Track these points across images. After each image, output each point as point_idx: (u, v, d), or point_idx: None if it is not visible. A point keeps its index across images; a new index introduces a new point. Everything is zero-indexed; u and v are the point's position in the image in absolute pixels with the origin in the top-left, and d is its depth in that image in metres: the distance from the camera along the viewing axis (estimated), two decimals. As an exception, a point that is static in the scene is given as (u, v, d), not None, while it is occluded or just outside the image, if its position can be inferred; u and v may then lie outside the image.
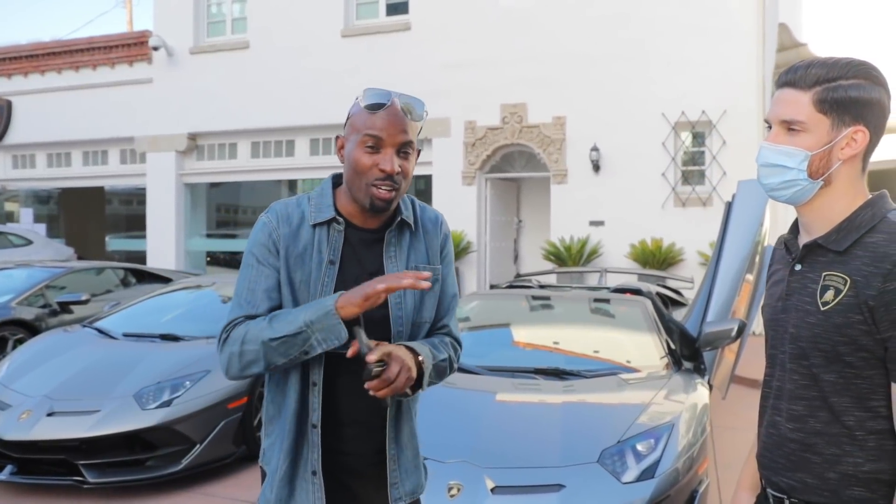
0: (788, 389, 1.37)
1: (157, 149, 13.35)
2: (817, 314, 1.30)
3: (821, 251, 1.34)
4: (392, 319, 1.61)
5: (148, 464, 4.18)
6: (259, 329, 1.51)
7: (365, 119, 1.55)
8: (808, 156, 1.30)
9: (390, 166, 1.53)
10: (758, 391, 5.56)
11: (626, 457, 3.04)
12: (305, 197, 1.65)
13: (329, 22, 11.95)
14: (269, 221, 1.61)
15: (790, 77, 1.34)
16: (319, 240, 1.60)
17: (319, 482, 1.58)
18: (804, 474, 1.34)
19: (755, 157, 1.40)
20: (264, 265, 1.59)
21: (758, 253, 4.42)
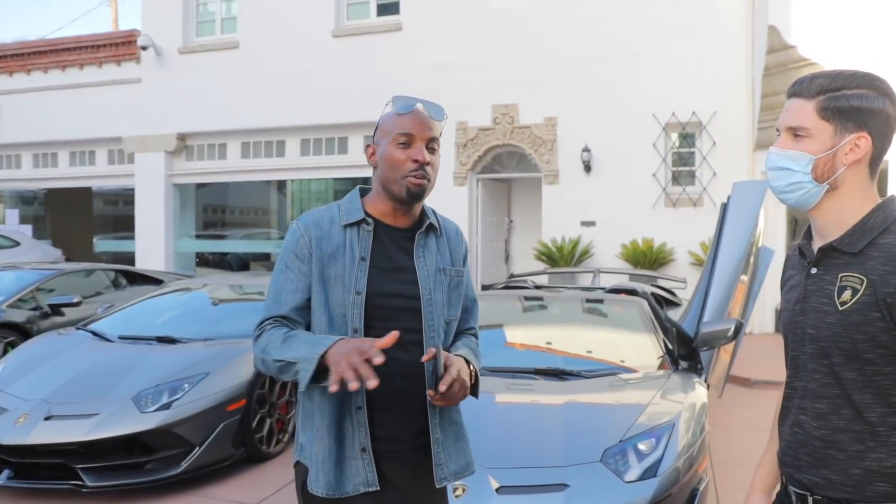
0: (812, 389, 1.41)
1: (145, 149, 13.27)
2: (836, 314, 1.34)
3: (836, 254, 1.39)
4: (424, 313, 1.77)
5: (147, 467, 4.17)
6: (275, 346, 1.68)
7: (395, 121, 1.78)
8: (813, 160, 1.36)
9: (422, 156, 1.74)
10: (752, 390, 5.64)
11: (628, 456, 3.07)
12: (335, 205, 1.84)
13: (320, 22, 11.93)
14: (297, 228, 1.79)
15: (797, 88, 1.42)
16: (351, 239, 1.76)
17: (370, 457, 1.69)
18: (828, 471, 1.37)
19: (765, 161, 1.46)
20: (291, 269, 1.77)
21: (752, 254, 4.47)
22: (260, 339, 1.73)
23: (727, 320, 4.06)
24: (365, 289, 1.72)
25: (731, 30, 9.92)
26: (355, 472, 1.69)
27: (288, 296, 1.75)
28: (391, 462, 1.73)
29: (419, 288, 1.77)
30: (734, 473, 4.52)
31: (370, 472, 1.69)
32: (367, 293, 1.72)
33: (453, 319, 1.86)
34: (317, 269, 1.74)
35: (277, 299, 1.77)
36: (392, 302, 1.74)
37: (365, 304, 1.71)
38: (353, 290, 1.71)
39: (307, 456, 1.75)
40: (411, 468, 1.76)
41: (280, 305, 1.75)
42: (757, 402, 6.40)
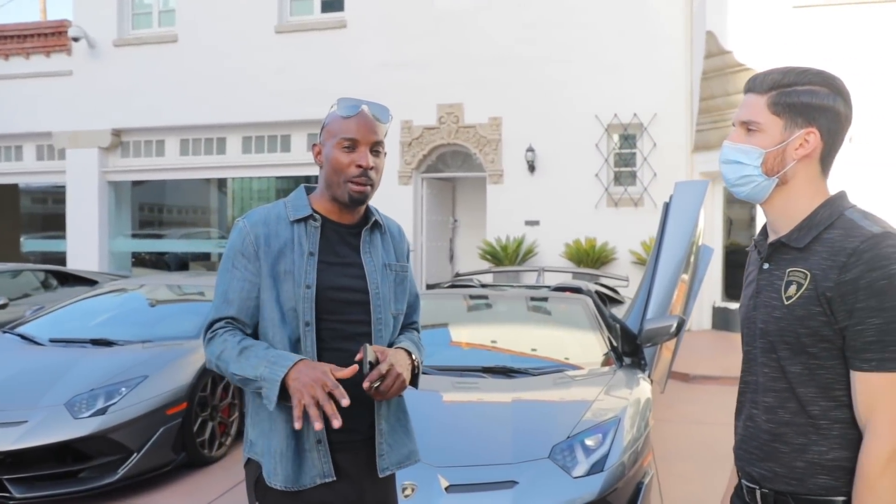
0: (761, 383, 1.44)
1: (77, 145, 12.75)
2: (782, 308, 1.38)
3: (785, 249, 1.42)
4: (372, 306, 1.80)
5: (81, 475, 4.00)
6: (229, 357, 1.69)
7: (340, 125, 1.78)
8: (763, 153, 1.39)
9: (365, 161, 1.75)
10: (690, 385, 5.78)
11: (575, 452, 3.10)
12: (281, 202, 1.85)
13: (262, 17, 11.70)
14: (243, 227, 1.78)
15: (750, 83, 1.46)
16: (299, 235, 1.77)
17: (325, 448, 1.71)
18: (774, 464, 1.40)
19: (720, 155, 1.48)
20: (238, 268, 1.76)
21: (693, 253, 4.58)
22: (213, 344, 1.74)
23: (670, 317, 4.14)
24: (315, 283, 1.73)
25: (671, 34, 10.18)
26: (311, 464, 1.71)
27: (235, 295, 1.75)
28: (346, 453, 1.75)
29: (367, 282, 1.79)
30: (675, 466, 4.63)
31: (326, 463, 1.71)
32: (317, 287, 1.73)
33: (400, 314, 1.91)
34: (266, 265, 1.74)
35: (225, 299, 1.76)
36: (341, 295, 1.76)
37: (315, 297, 1.72)
38: (303, 285, 1.72)
39: (259, 451, 1.75)
40: (365, 458, 1.79)
41: (229, 305, 1.75)
42: (696, 396, 6.58)
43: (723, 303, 10.06)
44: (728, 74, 9.11)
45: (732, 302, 9.96)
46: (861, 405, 1.30)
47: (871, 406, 1.29)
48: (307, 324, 1.72)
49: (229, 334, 1.73)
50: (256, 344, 1.71)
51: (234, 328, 1.74)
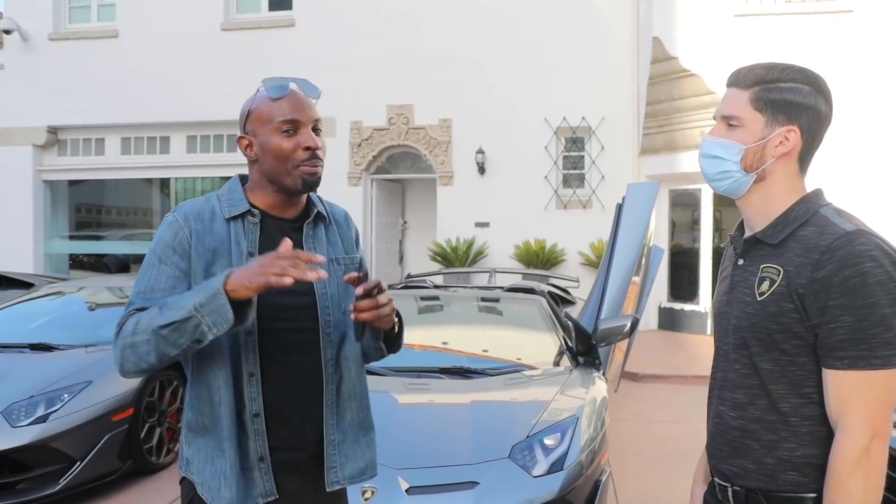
0: (731, 379, 1.43)
1: (9, 142, 12.20)
2: (754, 304, 1.37)
3: (759, 245, 1.41)
4: (320, 308, 1.64)
5: (19, 486, 3.81)
6: (150, 318, 1.46)
7: (273, 108, 1.61)
8: (743, 149, 1.38)
9: (313, 142, 1.60)
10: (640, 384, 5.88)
11: (535, 451, 3.10)
12: (214, 195, 1.66)
13: (208, 14, 11.43)
14: (175, 220, 1.59)
15: (733, 78, 1.43)
16: (236, 233, 1.61)
17: (267, 467, 1.58)
18: (744, 460, 1.40)
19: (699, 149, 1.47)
20: (166, 264, 1.57)
21: (644, 254, 4.67)
22: (126, 327, 1.50)
23: (624, 317, 4.20)
24: None
25: (619, 40, 10.38)
26: (252, 483, 1.58)
27: (163, 293, 1.54)
28: (289, 474, 1.63)
29: (313, 283, 1.62)
30: (629, 463, 4.70)
31: (268, 482, 1.59)
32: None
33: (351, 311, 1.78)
34: (199, 266, 1.56)
35: (150, 296, 1.54)
36: (285, 300, 1.58)
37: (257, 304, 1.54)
38: None
39: (196, 470, 1.60)
40: (311, 477, 1.66)
41: (150, 300, 1.54)
42: (645, 395, 6.71)
43: (668, 303, 10.30)
44: (673, 80, 9.34)
45: (678, 302, 10.21)
46: (833, 403, 1.30)
47: (842, 404, 1.29)
48: (248, 333, 1.55)
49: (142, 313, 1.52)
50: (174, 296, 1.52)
51: None
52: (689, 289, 10.12)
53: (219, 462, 1.57)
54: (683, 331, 10.00)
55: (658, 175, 9.64)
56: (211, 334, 1.44)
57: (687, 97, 9.21)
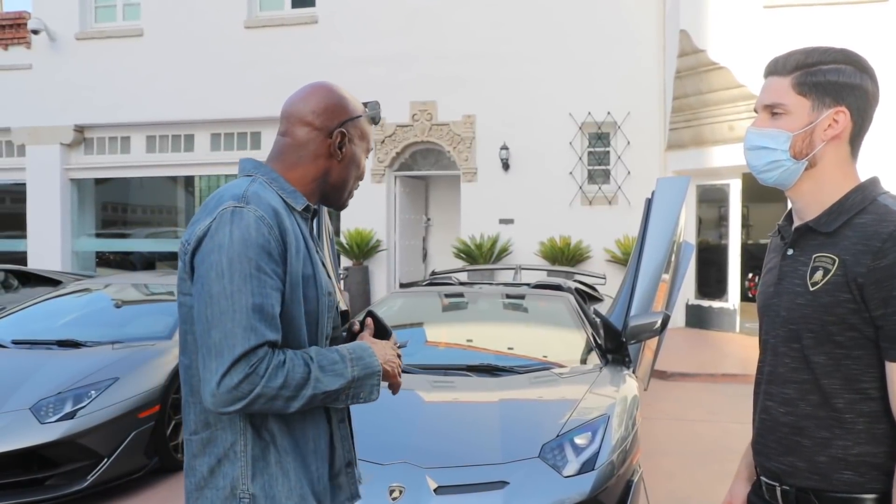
0: (781, 373, 1.38)
1: (38, 141, 12.37)
2: (806, 295, 1.31)
3: (811, 234, 1.35)
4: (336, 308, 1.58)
5: (48, 483, 3.82)
6: (305, 374, 1.31)
7: (368, 130, 1.62)
8: (790, 136, 1.33)
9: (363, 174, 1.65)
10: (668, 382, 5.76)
11: (565, 450, 3.04)
12: (258, 183, 1.43)
13: (231, 12, 11.47)
14: (262, 217, 1.33)
15: (772, 66, 1.38)
16: (303, 230, 1.47)
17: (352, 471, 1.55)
18: (795, 458, 1.34)
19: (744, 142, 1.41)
20: (267, 275, 1.32)
21: (674, 251, 4.57)
22: (256, 375, 1.27)
23: (654, 313, 4.11)
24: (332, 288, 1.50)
25: (645, 33, 10.23)
26: (339, 490, 1.51)
27: (275, 309, 1.33)
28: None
29: (332, 280, 1.57)
30: (658, 463, 4.61)
31: (353, 484, 1.55)
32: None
33: None
34: (297, 273, 1.38)
35: (262, 317, 1.29)
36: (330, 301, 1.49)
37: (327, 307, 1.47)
38: (325, 292, 1.45)
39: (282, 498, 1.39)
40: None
41: (271, 327, 1.31)
42: (674, 393, 6.60)
43: (696, 300, 10.15)
44: (701, 73, 9.18)
45: (706, 299, 10.05)
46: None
47: None
48: (327, 338, 1.47)
49: (279, 355, 1.31)
50: (314, 350, 1.38)
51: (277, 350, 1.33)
52: (717, 286, 9.96)
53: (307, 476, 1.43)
54: (711, 328, 9.84)
55: (685, 170, 9.48)
56: (345, 403, 1.41)
57: (715, 91, 9.05)
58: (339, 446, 1.51)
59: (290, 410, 1.31)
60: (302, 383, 1.30)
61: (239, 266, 1.29)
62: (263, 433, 1.38)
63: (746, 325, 9.56)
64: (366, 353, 1.42)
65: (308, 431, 1.43)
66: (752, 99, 8.56)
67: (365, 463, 2.86)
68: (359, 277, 10.83)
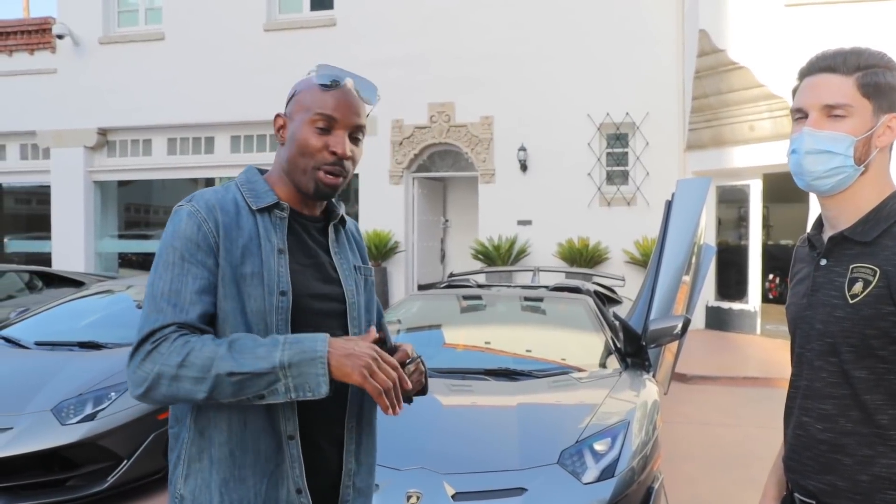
0: (818, 388, 1.31)
1: (62, 144, 12.54)
2: (846, 307, 1.25)
3: (847, 244, 1.29)
4: (349, 318, 1.47)
5: (68, 484, 3.86)
6: (211, 354, 1.23)
7: (316, 97, 1.42)
8: (854, 141, 1.25)
9: (342, 149, 1.40)
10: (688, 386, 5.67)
11: (584, 457, 3.00)
12: (232, 185, 1.45)
13: (250, 15, 11.55)
14: (195, 211, 1.35)
15: (828, 62, 1.29)
16: (265, 227, 1.40)
17: (307, 499, 1.36)
18: (834, 477, 1.28)
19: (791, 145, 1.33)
20: (192, 263, 1.32)
21: (694, 253, 4.51)
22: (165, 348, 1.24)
23: (675, 317, 4.06)
24: (290, 288, 1.37)
25: (663, 33, 10.14)
26: None
27: (192, 297, 1.30)
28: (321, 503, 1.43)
29: (343, 288, 1.47)
30: (679, 468, 4.56)
31: None
32: (294, 294, 1.37)
33: (372, 322, 1.58)
34: (227, 265, 1.33)
35: (176, 301, 1.29)
36: (318, 305, 1.41)
37: (291, 306, 1.36)
38: (276, 291, 1.35)
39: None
40: None
41: (182, 309, 1.28)
42: (694, 396, 6.52)
43: (716, 302, 10.04)
44: (721, 73, 9.08)
45: (725, 301, 9.94)
46: None
47: None
48: None
49: (188, 336, 1.27)
50: (241, 335, 1.29)
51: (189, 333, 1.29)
52: (737, 288, 9.84)
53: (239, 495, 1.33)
54: (732, 330, 9.73)
55: (705, 171, 9.38)
56: (283, 397, 1.24)
57: (735, 90, 8.94)
58: (288, 467, 1.35)
59: (199, 396, 1.23)
60: (208, 364, 1.22)
61: (164, 256, 1.34)
62: (205, 436, 1.34)
63: (767, 326, 9.44)
64: (310, 338, 1.27)
65: (249, 442, 1.33)
66: (773, 99, 8.45)
67: (382, 468, 2.87)
68: (377, 279, 10.84)
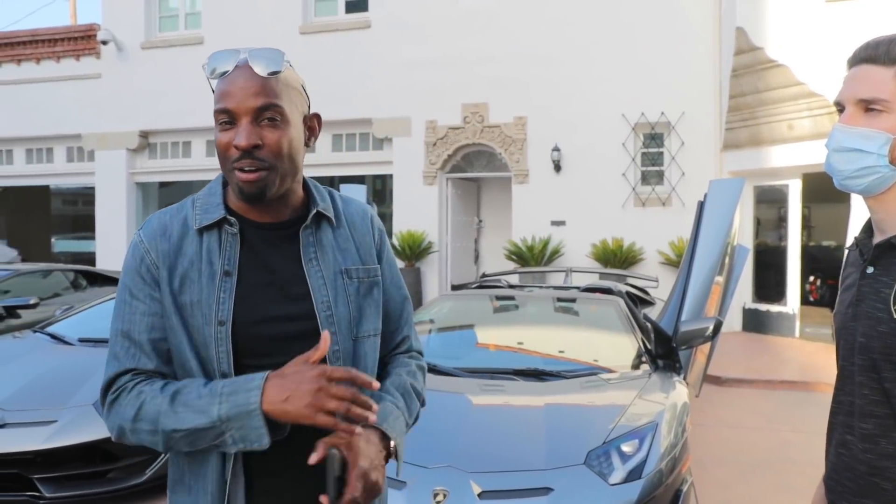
0: (859, 405, 1.23)
1: (106, 146, 12.90)
2: (890, 322, 1.16)
3: (895, 252, 1.20)
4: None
5: (109, 476, 3.98)
6: (157, 408, 1.19)
7: (217, 93, 1.29)
8: (891, 139, 1.16)
9: (244, 140, 1.23)
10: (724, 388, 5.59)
11: (612, 458, 3.00)
12: (189, 200, 1.36)
13: (287, 18, 11.73)
14: (139, 243, 1.30)
15: (869, 53, 1.20)
16: (209, 248, 1.29)
17: None
18: (872, 501, 1.20)
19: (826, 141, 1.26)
20: (138, 299, 1.27)
21: (727, 254, 4.46)
22: (124, 399, 1.22)
23: (706, 319, 4.03)
24: (230, 317, 1.25)
25: (699, 31, 10.01)
26: None
27: (142, 336, 1.25)
28: None
29: (313, 304, 1.30)
30: (712, 472, 4.51)
31: None
32: (235, 321, 1.25)
33: (371, 335, 1.39)
34: (168, 296, 1.26)
35: (130, 343, 1.25)
36: (272, 330, 1.27)
37: (233, 336, 1.25)
38: (214, 321, 1.24)
39: None
40: None
41: (134, 355, 1.25)
42: (729, 399, 6.44)
43: (753, 304, 9.87)
44: (759, 71, 8.93)
45: (763, 303, 9.77)
46: None
47: None
48: (223, 374, 1.24)
49: (143, 385, 1.23)
50: (188, 382, 1.23)
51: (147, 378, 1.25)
52: (775, 289, 9.66)
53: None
54: (769, 333, 9.56)
55: (742, 171, 9.24)
56: (235, 448, 1.18)
57: (773, 89, 8.78)
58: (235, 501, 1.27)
59: (160, 448, 1.21)
60: (155, 418, 1.19)
61: (119, 293, 1.30)
62: (177, 466, 1.33)
63: (807, 329, 9.26)
64: (244, 387, 1.18)
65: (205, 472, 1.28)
66: (812, 97, 8.28)
67: (410, 466, 2.92)
68: (410, 279, 10.91)
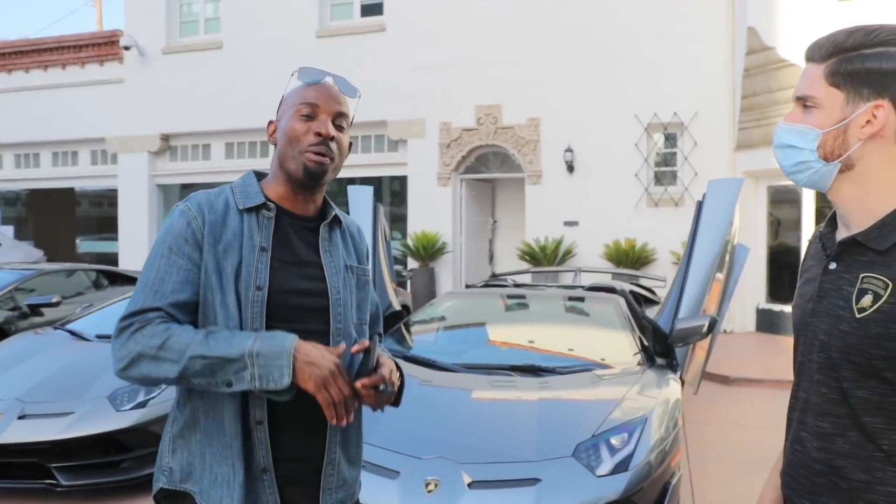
0: (815, 403, 1.20)
1: (128, 149, 13.20)
2: (851, 321, 1.13)
3: (859, 249, 1.16)
4: (332, 314, 1.56)
5: (122, 465, 4.14)
6: (188, 339, 1.36)
7: (299, 93, 1.59)
8: (820, 134, 1.16)
9: (325, 129, 1.52)
10: (730, 388, 5.64)
11: (600, 450, 3.08)
12: (227, 188, 1.58)
13: (304, 23, 11.92)
14: (187, 210, 1.50)
15: (810, 50, 1.21)
16: (250, 226, 1.51)
17: (271, 479, 1.47)
18: (829, 499, 1.18)
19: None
20: (178, 255, 1.45)
21: (727, 252, 4.52)
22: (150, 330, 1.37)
23: (701, 316, 4.09)
24: (267, 284, 1.47)
25: (712, 31, 10.00)
26: (256, 496, 1.46)
27: (175, 286, 1.43)
28: (297, 486, 1.51)
29: (327, 285, 1.55)
30: (710, 468, 4.56)
31: (272, 496, 1.46)
32: (270, 289, 1.47)
33: (363, 323, 1.67)
34: (211, 260, 1.46)
35: (160, 288, 1.42)
36: (297, 300, 1.51)
37: (267, 301, 1.46)
38: (253, 286, 1.46)
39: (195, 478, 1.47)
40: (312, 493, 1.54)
41: (162, 295, 1.42)
42: (735, 399, 6.46)
43: (767, 304, 9.84)
44: (771, 71, 8.91)
45: (777, 303, 9.73)
46: None
47: None
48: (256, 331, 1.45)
49: (172, 324, 1.40)
50: (222, 329, 1.42)
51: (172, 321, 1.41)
52: (790, 289, 9.61)
53: (219, 469, 1.45)
54: (783, 333, 9.51)
55: (755, 171, 9.23)
56: (249, 385, 1.35)
57: (785, 88, 8.75)
58: (256, 449, 1.46)
59: (171, 375, 1.35)
60: (184, 347, 1.35)
61: (157, 249, 1.48)
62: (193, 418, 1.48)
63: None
64: (281, 335, 1.39)
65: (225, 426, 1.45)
66: (825, 96, 8.25)
67: (405, 456, 3.04)
68: (424, 279, 11.03)
